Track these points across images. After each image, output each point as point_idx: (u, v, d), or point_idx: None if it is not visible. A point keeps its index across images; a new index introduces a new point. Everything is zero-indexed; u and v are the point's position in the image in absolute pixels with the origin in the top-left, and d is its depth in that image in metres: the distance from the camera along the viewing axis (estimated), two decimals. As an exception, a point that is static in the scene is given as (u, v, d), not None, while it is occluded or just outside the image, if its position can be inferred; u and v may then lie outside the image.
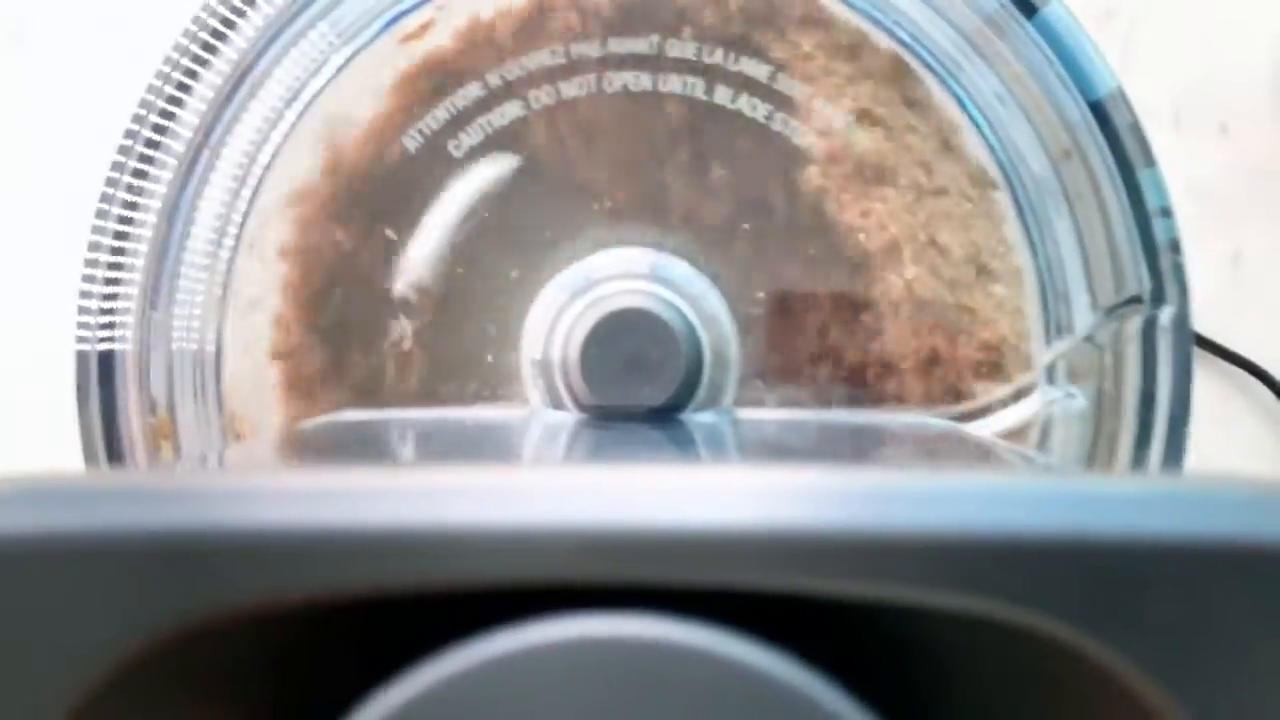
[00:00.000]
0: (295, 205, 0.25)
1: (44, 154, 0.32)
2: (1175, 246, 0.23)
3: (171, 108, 0.24)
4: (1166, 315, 0.23)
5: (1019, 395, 0.25)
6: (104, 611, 0.12)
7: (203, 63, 0.24)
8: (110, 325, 0.24)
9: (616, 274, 0.25)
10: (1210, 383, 0.32)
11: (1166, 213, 0.23)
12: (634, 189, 0.25)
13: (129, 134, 0.24)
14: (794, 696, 0.11)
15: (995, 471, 0.19)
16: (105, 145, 0.24)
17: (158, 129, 0.24)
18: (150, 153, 0.24)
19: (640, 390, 0.24)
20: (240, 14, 0.24)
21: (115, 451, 0.24)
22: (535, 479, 0.12)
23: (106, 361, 0.24)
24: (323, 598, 0.12)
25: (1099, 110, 0.24)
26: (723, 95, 0.25)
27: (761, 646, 0.12)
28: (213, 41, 0.24)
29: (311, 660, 0.13)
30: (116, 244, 0.24)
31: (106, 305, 0.24)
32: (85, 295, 0.24)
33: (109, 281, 0.24)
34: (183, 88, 0.24)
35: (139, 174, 0.24)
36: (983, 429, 0.25)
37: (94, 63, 0.32)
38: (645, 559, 0.12)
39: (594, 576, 0.12)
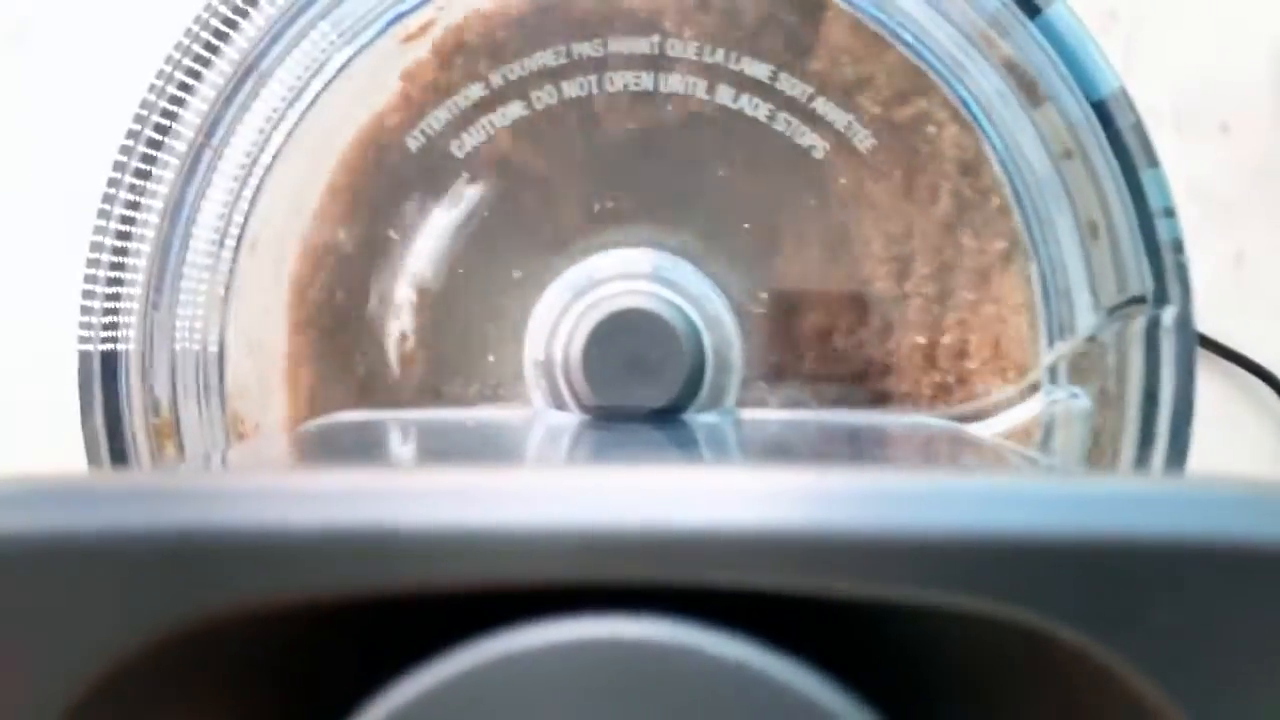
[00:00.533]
0: (298, 205, 0.25)
1: (44, 154, 0.32)
2: (1178, 246, 0.23)
3: (174, 107, 0.24)
4: (1170, 315, 0.23)
5: (1022, 395, 0.25)
6: (103, 612, 0.12)
7: (205, 62, 0.24)
8: (113, 325, 0.24)
9: (619, 274, 0.25)
10: (1212, 383, 0.32)
11: (1170, 213, 0.23)
12: (636, 189, 0.25)
13: (131, 134, 0.24)
14: (794, 697, 0.11)
15: (996, 472, 0.19)
16: (106, 145, 0.24)
17: (160, 128, 0.24)
18: (152, 152, 0.24)
19: (642, 391, 0.24)
20: (242, 14, 0.24)
21: (118, 452, 0.24)
22: (537, 480, 0.12)
23: (109, 362, 0.24)
24: (324, 599, 0.12)
25: (1102, 110, 0.24)
26: (724, 95, 0.25)
27: (762, 647, 0.12)
28: (215, 41, 0.24)
29: (313, 661, 0.13)
30: (119, 244, 0.24)
31: (109, 305, 0.24)
32: (87, 295, 0.24)
33: (111, 281, 0.24)
34: (185, 87, 0.24)
35: (141, 173, 0.24)
36: (985, 429, 0.25)
37: (94, 63, 0.32)
38: (647, 560, 0.12)
39: (597, 578, 0.12)
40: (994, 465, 0.21)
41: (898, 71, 0.25)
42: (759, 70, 0.25)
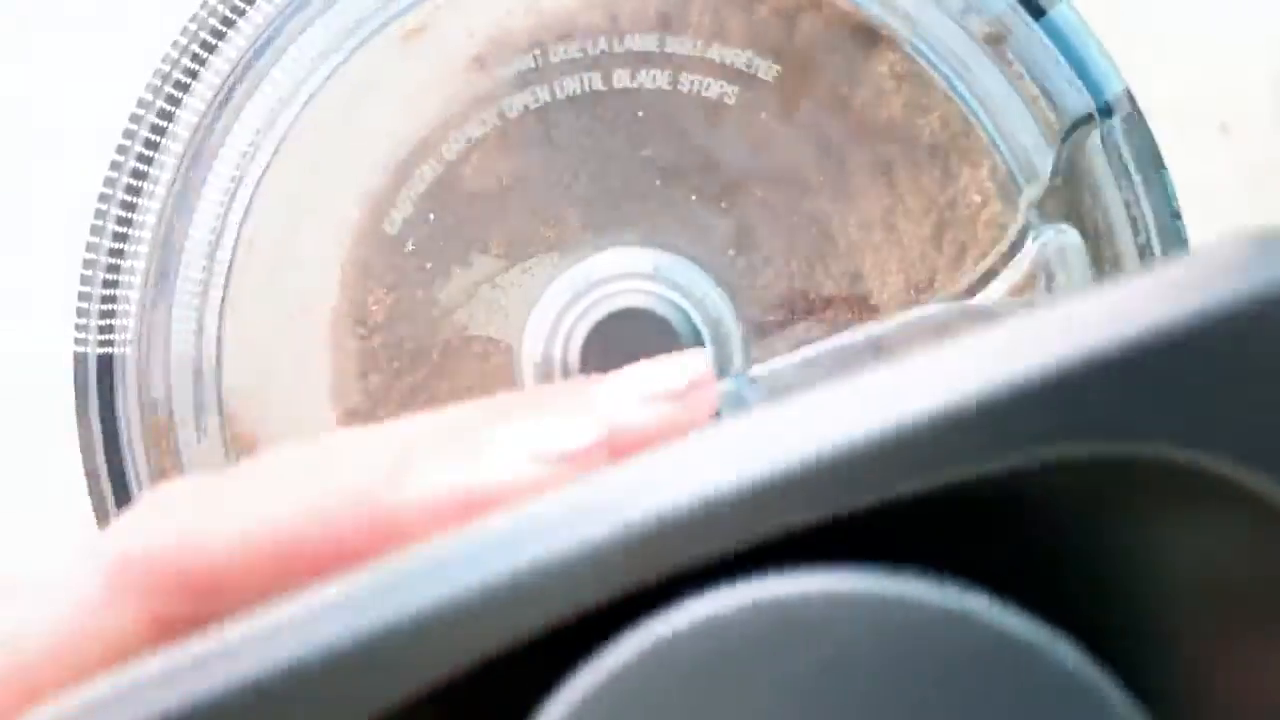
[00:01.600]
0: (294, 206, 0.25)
1: (44, 154, 0.32)
2: (1184, 247, 0.24)
3: (169, 107, 0.24)
4: (1118, 121, 0.23)
5: (1012, 250, 0.25)
6: None
7: (201, 61, 0.24)
8: (109, 327, 0.24)
9: (619, 274, 0.25)
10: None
11: (1175, 215, 0.24)
12: (637, 188, 0.25)
13: (127, 134, 0.24)
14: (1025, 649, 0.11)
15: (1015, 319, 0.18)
16: (104, 145, 0.24)
17: (155, 129, 0.24)
18: (148, 153, 0.24)
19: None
20: (239, 13, 0.24)
21: (114, 454, 0.24)
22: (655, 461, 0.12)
23: (105, 363, 0.24)
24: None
25: (1107, 112, 0.24)
26: (719, 90, 0.25)
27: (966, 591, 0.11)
28: (211, 40, 0.24)
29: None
30: (115, 245, 0.24)
31: (105, 307, 0.24)
32: (84, 297, 0.24)
33: (107, 283, 0.24)
34: (181, 87, 0.24)
35: (137, 174, 0.24)
36: (991, 294, 0.24)
37: (94, 63, 0.32)
38: (804, 491, 0.11)
39: (756, 531, 0.11)
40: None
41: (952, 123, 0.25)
42: (738, 59, 0.25)
